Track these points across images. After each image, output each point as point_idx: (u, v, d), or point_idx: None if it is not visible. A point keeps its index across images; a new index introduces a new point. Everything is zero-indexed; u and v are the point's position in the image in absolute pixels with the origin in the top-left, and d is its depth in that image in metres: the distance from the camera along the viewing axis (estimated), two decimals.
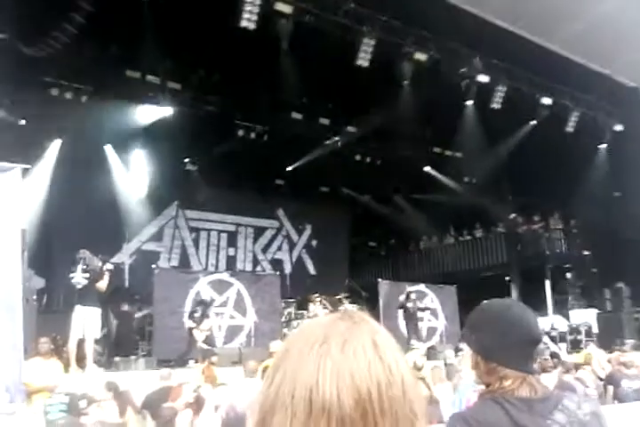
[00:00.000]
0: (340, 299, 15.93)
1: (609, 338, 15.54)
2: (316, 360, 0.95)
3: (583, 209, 18.11)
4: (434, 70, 14.96)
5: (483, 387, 1.94)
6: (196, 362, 10.31)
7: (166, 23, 12.11)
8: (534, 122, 17.46)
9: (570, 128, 17.39)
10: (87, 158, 15.18)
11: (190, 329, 11.71)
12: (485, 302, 2.04)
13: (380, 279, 16.58)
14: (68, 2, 11.76)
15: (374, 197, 22.45)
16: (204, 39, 12.94)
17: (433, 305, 16.20)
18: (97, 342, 10.65)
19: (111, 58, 14.23)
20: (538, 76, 16.50)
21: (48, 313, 12.83)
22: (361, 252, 23.45)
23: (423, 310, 15.57)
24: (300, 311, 15.57)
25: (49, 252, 15.37)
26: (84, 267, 10.25)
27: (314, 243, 22.25)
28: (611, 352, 12.17)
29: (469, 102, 16.35)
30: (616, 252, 17.94)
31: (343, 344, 0.96)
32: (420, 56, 14.51)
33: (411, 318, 15.10)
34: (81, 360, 9.97)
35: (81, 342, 9.99)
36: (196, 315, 11.94)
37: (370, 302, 16.93)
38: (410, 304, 15.14)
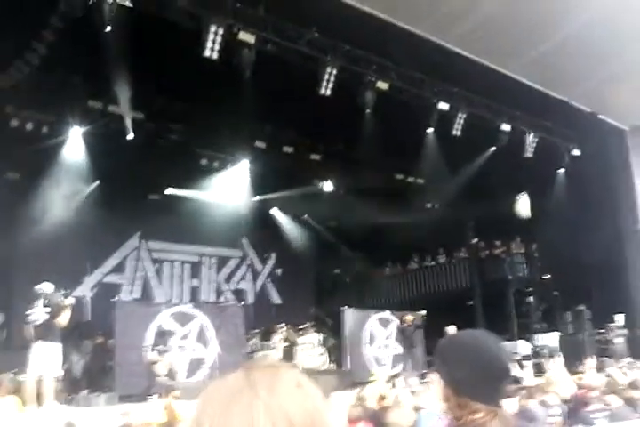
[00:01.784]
0: (304, 328, 15.88)
1: (572, 360, 15.70)
2: (249, 403, 1.01)
3: (544, 233, 18.35)
4: (396, 98, 15.10)
5: (446, 416, 1.93)
6: (159, 397, 10.16)
7: (129, 53, 12.04)
8: (494, 148, 17.71)
9: (529, 153, 17.65)
10: (48, 189, 14.98)
11: (152, 363, 11.55)
12: (456, 332, 2.03)
13: (344, 307, 16.59)
14: (30, 32, 11.68)
15: (338, 224, 22.53)
16: (167, 68, 12.90)
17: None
18: (57, 378, 10.43)
19: (73, 88, 14.10)
20: (497, 103, 16.77)
21: (8, 349, 12.55)
22: (326, 280, 23.45)
23: (420, 327, 15.66)
24: (264, 342, 15.49)
25: (9, 286, 15.10)
26: (45, 302, 10.09)
27: (279, 271, 22.18)
28: (574, 375, 12.30)
29: (430, 129, 16.53)
30: (577, 275, 18.20)
31: (271, 386, 1.03)
32: (382, 84, 14.64)
33: (407, 342, 15.24)
34: (40, 398, 9.74)
35: (40, 380, 9.77)
36: (159, 348, 11.80)
37: (335, 330, 16.91)
38: (406, 326, 15.28)
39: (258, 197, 19.75)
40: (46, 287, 10.40)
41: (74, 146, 14.87)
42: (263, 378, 1.06)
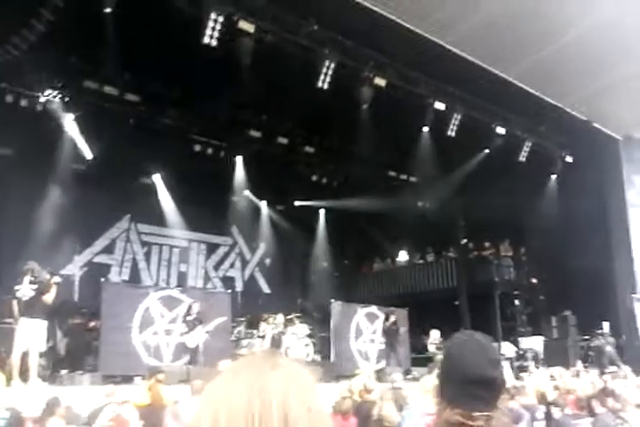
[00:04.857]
0: (291, 319, 15.86)
1: (554, 365, 15.73)
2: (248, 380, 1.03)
3: (533, 237, 18.42)
4: (392, 96, 15.11)
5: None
6: (143, 379, 10.11)
7: (128, 35, 11.99)
8: (488, 150, 17.76)
9: (522, 158, 17.70)
10: (39, 167, 14.89)
11: (182, 335, 12.07)
12: (459, 333, 1.98)
13: (332, 300, 16.59)
14: (28, 9, 11.60)
15: (329, 217, 22.55)
16: (165, 53, 12.84)
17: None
18: (42, 355, 10.39)
19: (70, 67, 14.04)
20: (493, 106, 16.82)
21: None
22: (315, 272, 23.44)
23: (404, 325, 15.73)
24: (250, 330, 15.45)
25: None
26: (32, 279, 10.10)
27: (267, 261, 22.17)
28: (555, 379, 12.32)
29: (425, 128, 16.55)
30: (563, 280, 18.28)
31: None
32: (380, 81, 14.65)
33: (390, 339, 15.25)
34: (24, 374, 9.70)
35: (25, 356, 9.73)
36: (189, 318, 11.87)
37: (321, 322, 16.90)
38: (388, 325, 15.30)
39: (250, 186, 19.70)
40: (33, 265, 10.39)
41: (67, 125, 14.80)
42: (266, 362, 1.08)
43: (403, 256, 22.57)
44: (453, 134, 16.19)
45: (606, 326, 18.19)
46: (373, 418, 8.25)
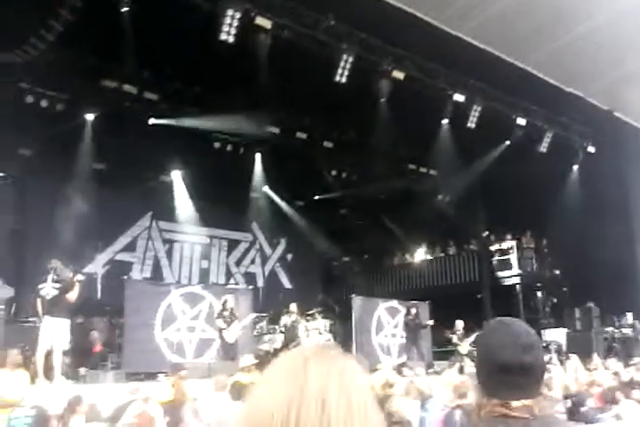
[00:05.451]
0: (312, 314, 15.89)
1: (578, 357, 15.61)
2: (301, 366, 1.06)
3: (555, 229, 18.27)
4: (411, 88, 15.04)
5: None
6: (166, 376, 10.19)
7: (145, 34, 12.05)
8: (508, 142, 17.64)
9: (543, 149, 17.58)
10: (60, 167, 15.03)
11: (220, 330, 12.10)
12: (491, 321, 1.94)
13: (353, 295, 16.60)
14: (46, 9, 11.69)
15: (350, 212, 22.54)
16: (183, 51, 12.89)
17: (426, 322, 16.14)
18: (65, 353, 10.49)
19: (89, 67, 14.12)
20: (513, 97, 16.70)
21: (17, 323, 12.64)
22: (335, 267, 23.48)
23: (425, 326, 15.72)
24: (272, 326, 15.51)
25: (20, 260, 15.22)
26: (55, 277, 10.20)
27: (289, 257, 22.29)
28: (577, 371, 12.21)
29: (445, 121, 16.47)
30: (586, 272, 18.14)
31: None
32: (398, 74, 14.60)
33: (411, 334, 15.26)
34: (48, 372, 9.81)
35: (49, 354, 9.83)
36: (226, 313, 12.12)
37: (343, 317, 16.93)
38: (410, 319, 15.30)
39: (269, 182, 19.78)
40: (56, 263, 10.50)
41: (88, 124, 14.93)
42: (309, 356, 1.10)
43: (423, 250, 22.52)
44: (473, 126, 16.13)
45: (629, 316, 18.06)
46: (385, 412, 8.22)
